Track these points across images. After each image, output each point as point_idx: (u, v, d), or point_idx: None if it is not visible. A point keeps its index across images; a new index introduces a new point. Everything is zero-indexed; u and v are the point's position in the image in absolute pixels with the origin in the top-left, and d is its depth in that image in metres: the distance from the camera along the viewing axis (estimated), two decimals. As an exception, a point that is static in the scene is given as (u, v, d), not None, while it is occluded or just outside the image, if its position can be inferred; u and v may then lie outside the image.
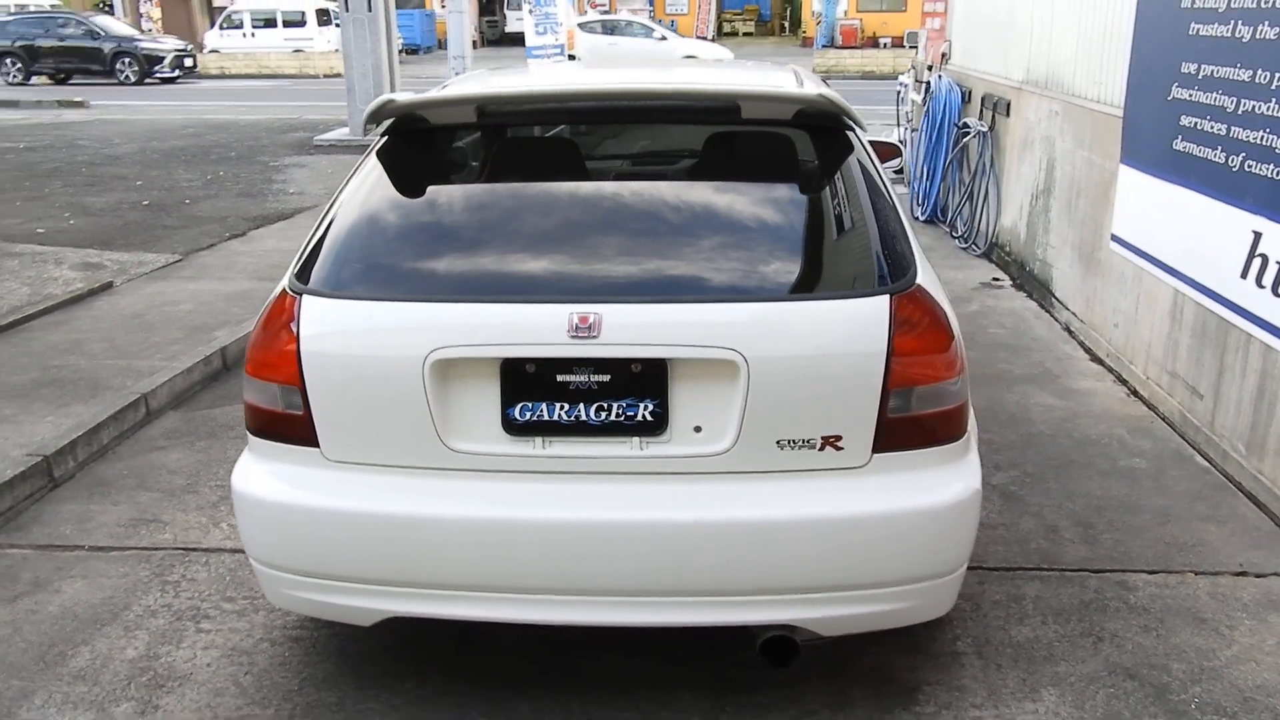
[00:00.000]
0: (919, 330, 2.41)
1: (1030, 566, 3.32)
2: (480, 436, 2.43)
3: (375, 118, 2.72)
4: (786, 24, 41.95)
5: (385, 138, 2.86)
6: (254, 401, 2.56)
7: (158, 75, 25.28)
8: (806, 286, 2.45)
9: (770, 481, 2.41)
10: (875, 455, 2.43)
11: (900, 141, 9.34)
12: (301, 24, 30.57)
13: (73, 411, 4.56)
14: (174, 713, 2.69)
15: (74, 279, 6.90)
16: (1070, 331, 5.64)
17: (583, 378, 2.39)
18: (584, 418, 2.40)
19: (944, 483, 2.46)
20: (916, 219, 8.55)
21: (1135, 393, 4.74)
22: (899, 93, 9.48)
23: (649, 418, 2.39)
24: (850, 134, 2.79)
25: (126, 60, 25.04)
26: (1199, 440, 4.13)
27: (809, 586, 2.42)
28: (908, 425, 2.43)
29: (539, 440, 2.42)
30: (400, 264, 2.57)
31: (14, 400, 4.72)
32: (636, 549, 2.38)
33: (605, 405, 2.40)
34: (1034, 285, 6.28)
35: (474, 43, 37.88)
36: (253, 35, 31.72)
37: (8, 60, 25.01)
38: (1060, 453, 4.16)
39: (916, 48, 9.47)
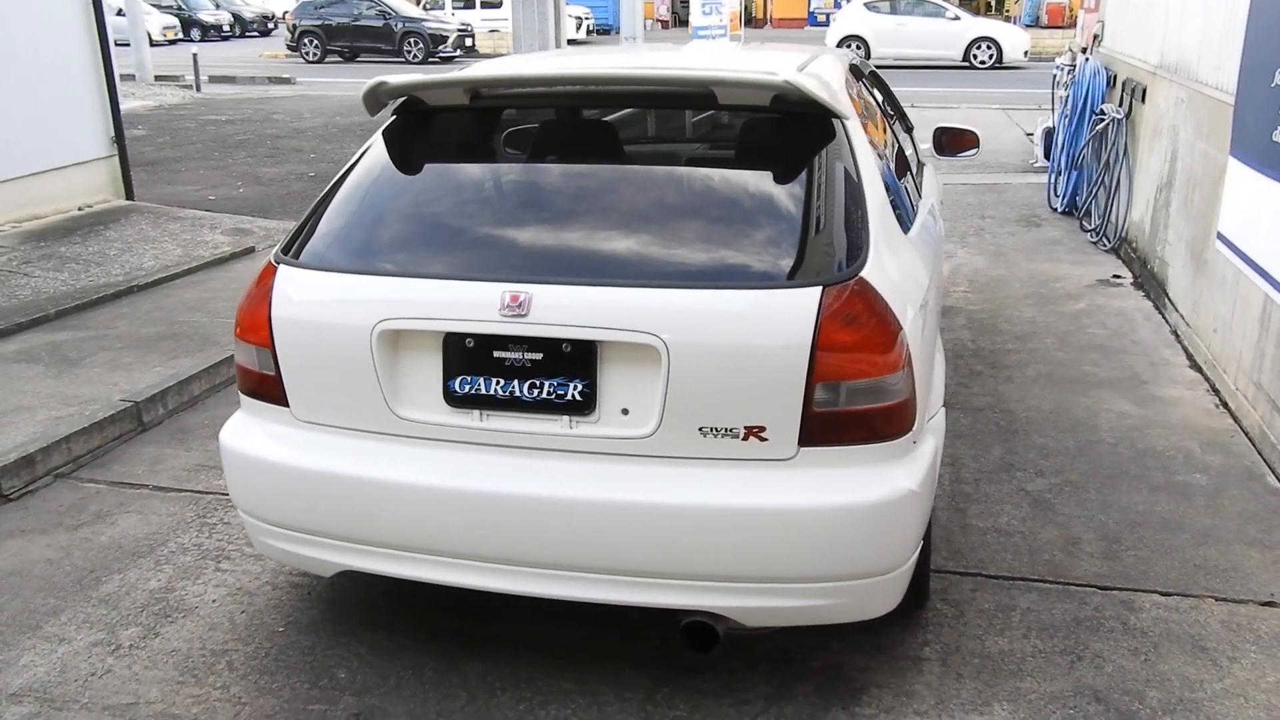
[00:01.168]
0: (855, 324, 2.36)
1: (1034, 577, 3.17)
2: (424, 406, 2.55)
3: (370, 99, 2.86)
4: (993, 3, 40.05)
5: (394, 118, 3.01)
6: (240, 362, 2.77)
7: (440, 55, 25.37)
8: (732, 275, 2.43)
9: (694, 468, 2.43)
10: (803, 449, 2.40)
11: (1051, 128, 8.87)
12: (498, 5, 31.64)
13: (179, 363, 5.00)
14: (170, 640, 2.95)
15: (222, 243, 7.50)
16: (1177, 335, 5.26)
17: (517, 355, 2.47)
18: (518, 394, 2.48)
19: (874, 481, 2.40)
20: (1054, 210, 8.12)
21: (1224, 404, 4.40)
22: (1054, 76, 8.97)
23: (578, 397, 2.45)
24: (832, 121, 2.73)
25: (414, 40, 25.36)
26: (1274, 458, 3.81)
27: (729, 575, 2.42)
28: (837, 420, 2.39)
29: (477, 413, 2.52)
30: (362, 239, 2.72)
31: (135, 350, 5.21)
32: (560, 525, 2.44)
33: (537, 383, 2.47)
34: (1152, 284, 5.88)
35: (664, 23, 38.23)
36: (453, 16, 33.10)
37: (307, 39, 26.43)
38: (1115, 463, 3.92)
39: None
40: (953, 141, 4.66)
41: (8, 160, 7.66)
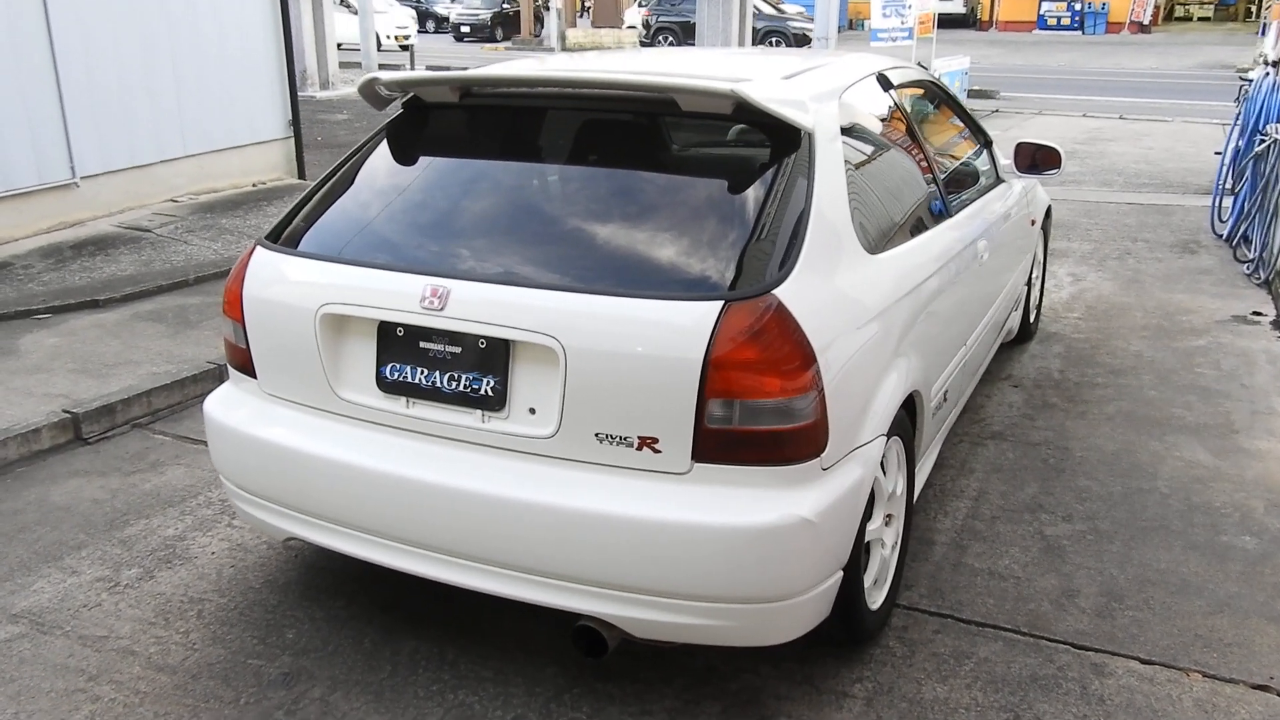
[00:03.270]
0: (757, 343, 2.30)
1: (1006, 627, 2.97)
2: (360, 389, 2.68)
3: (366, 93, 3.01)
4: (1254, 8, 36.77)
5: (399, 113, 3.15)
6: (225, 334, 2.98)
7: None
8: (638, 283, 2.40)
9: (592, 473, 2.43)
10: (697, 464, 2.36)
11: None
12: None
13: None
14: (160, 584, 3.22)
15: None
16: (1298, 383, 4.75)
17: (439, 347, 2.55)
18: (438, 385, 2.56)
19: (767, 505, 2.33)
20: (1217, 236, 7.45)
21: (1317, 464, 3.95)
22: (1240, 88, 8.22)
23: (490, 393, 2.50)
24: (793, 133, 2.65)
25: (775, 40, 24.92)
26: (1342, 530, 3.40)
27: (617, 584, 2.41)
28: (732, 438, 2.34)
29: (404, 399, 2.62)
30: (325, 227, 2.86)
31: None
32: (464, 515, 2.50)
33: (455, 376, 2.54)
34: (1290, 325, 5.32)
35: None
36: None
37: (661, 36, 26.89)
38: (1158, 515, 3.60)
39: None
40: (1034, 158, 4.38)
41: (193, 137, 8.43)
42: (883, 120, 3.32)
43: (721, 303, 2.32)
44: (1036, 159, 4.46)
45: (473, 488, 2.49)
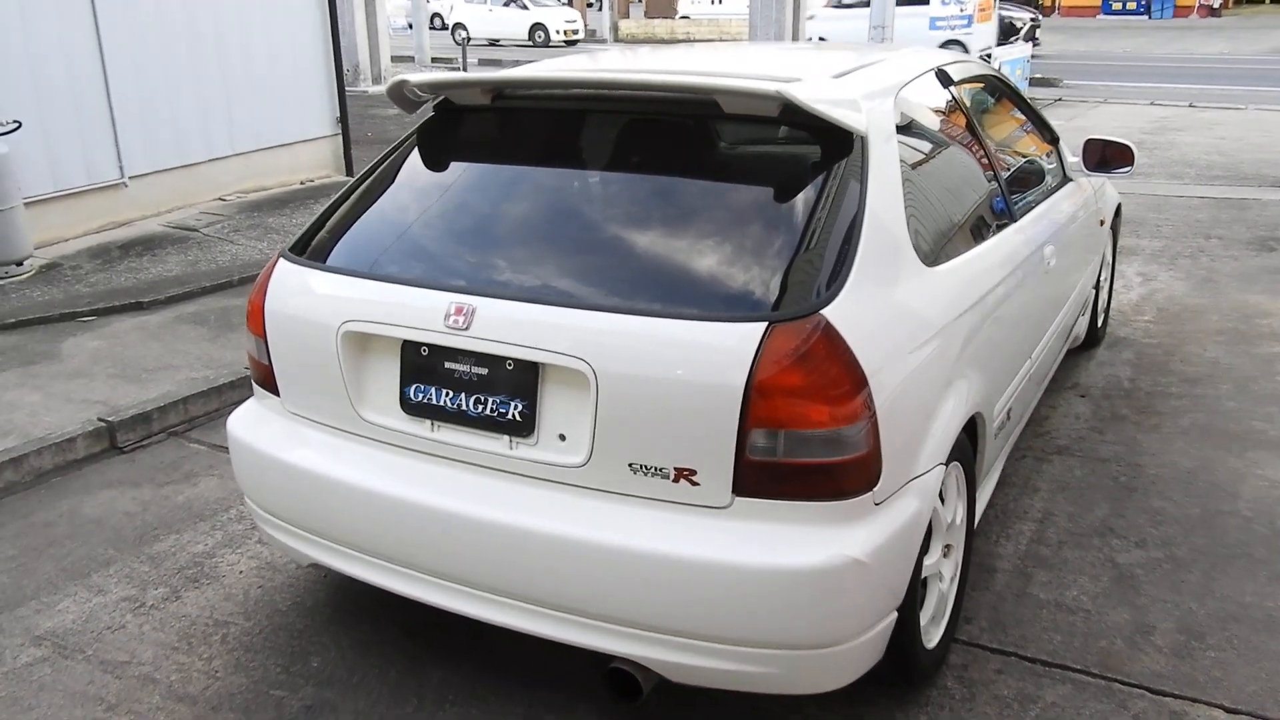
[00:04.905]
0: (804, 368, 2.11)
1: (1076, 667, 2.76)
2: (384, 410, 2.54)
3: (395, 95, 2.87)
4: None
5: (430, 116, 3.01)
6: (249, 349, 2.87)
7: (1007, 46, 22.64)
8: (676, 302, 2.23)
9: (625, 505, 2.27)
10: (738, 498, 2.18)
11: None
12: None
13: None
14: (186, 604, 3.12)
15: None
16: (1389, 395, 4.43)
17: (465, 368, 2.40)
18: (464, 408, 2.41)
19: (814, 544, 2.15)
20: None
21: None
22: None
23: (518, 418, 2.35)
24: (844, 137, 2.46)
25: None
26: None
27: (651, 625, 2.25)
28: (776, 471, 2.16)
29: (429, 422, 2.48)
30: (350, 239, 2.73)
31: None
32: (490, 548, 2.35)
33: (482, 399, 2.39)
34: (1379, 330, 4.98)
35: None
36: (720, 2, 33.17)
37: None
38: (1240, 541, 3.35)
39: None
40: (1104, 156, 4.11)
41: (241, 136, 8.42)
42: (942, 119, 3.11)
43: (765, 324, 2.13)
44: (1106, 156, 4.19)
45: (499, 519, 2.33)
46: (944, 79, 3.22)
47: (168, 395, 4.50)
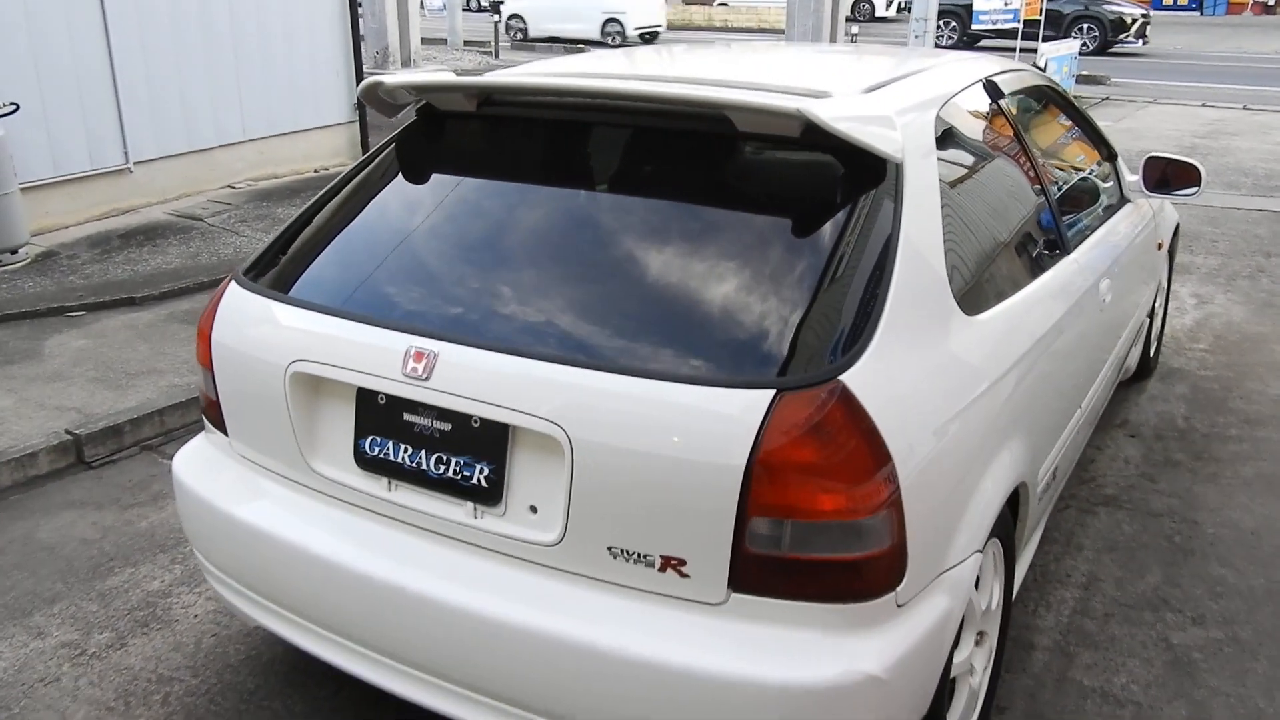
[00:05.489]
0: (819, 444, 1.77)
1: (1124, 775, 2.40)
2: (337, 463, 2.22)
3: (369, 98, 2.54)
4: None
5: (409, 123, 2.68)
6: (200, 381, 2.56)
7: (1119, 45, 20.89)
8: (659, 359, 1.88)
9: (602, 594, 1.93)
10: (734, 594, 1.84)
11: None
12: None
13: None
14: (131, 654, 2.83)
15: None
16: None
17: (426, 421, 2.08)
18: (424, 467, 2.09)
19: (824, 655, 1.81)
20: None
21: None
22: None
23: (484, 483, 2.02)
24: (877, 164, 2.10)
25: (1087, 25, 20.84)
26: None
27: (629, 735, 1.91)
28: (781, 566, 1.81)
29: (386, 480, 2.15)
30: (304, 262, 2.40)
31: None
32: (448, 633, 2.02)
33: (444, 458, 2.06)
34: None
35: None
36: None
37: (942, 22, 24.30)
38: (1313, 622, 2.97)
39: None
40: (1165, 175, 3.70)
41: (254, 121, 8.13)
42: (989, 140, 2.73)
43: (772, 392, 1.79)
44: (1168, 175, 3.78)
45: (459, 602, 2.00)
46: (993, 91, 2.83)
47: (145, 405, 4.22)
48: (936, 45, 18.45)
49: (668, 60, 2.99)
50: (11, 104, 6.14)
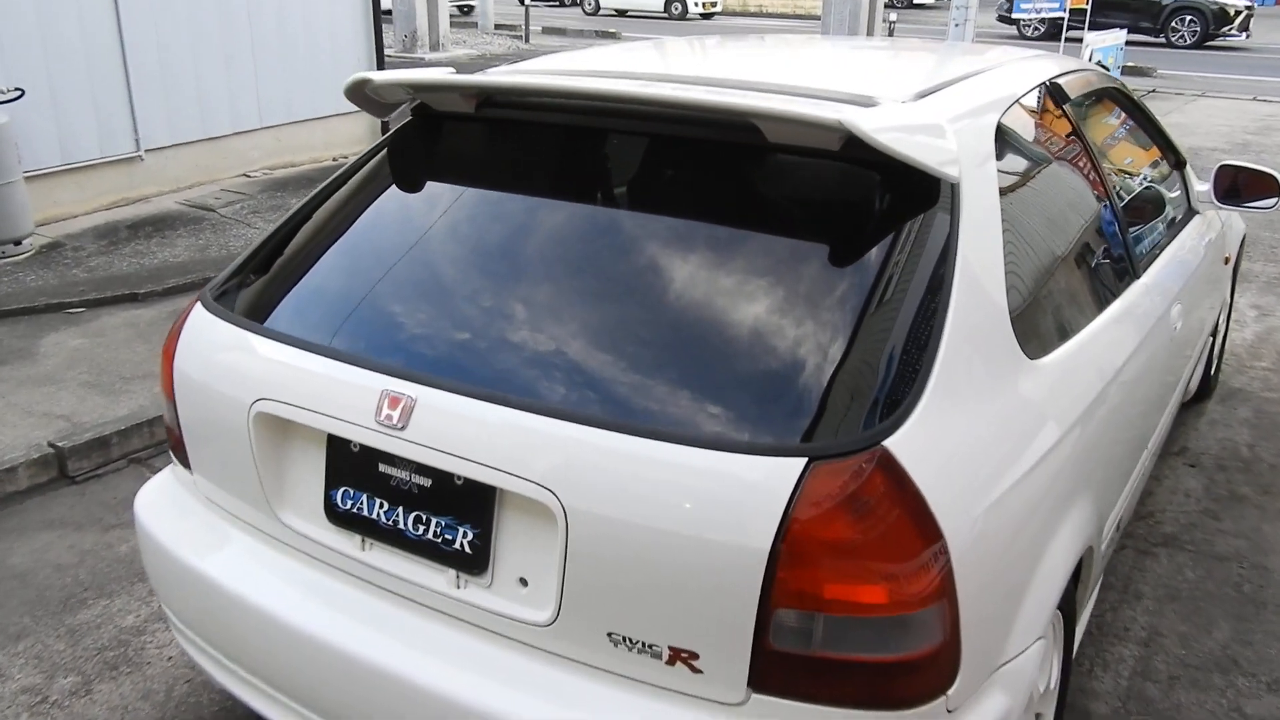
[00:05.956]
0: (857, 524, 1.49)
1: None
2: (306, 515, 1.96)
3: (355, 96, 2.27)
4: None
5: (403, 124, 2.41)
6: (165, 409, 2.31)
7: (1221, 39, 19.90)
8: (671, 417, 1.60)
9: (600, 686, 1.66)
10: (755, 695, 1.57)
11: None
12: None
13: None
14: (97, 701, 2.60)
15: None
16: None
17: (404, 475, 1.81)
18: (401, 525, 1.82)
19: (860, 773, 1.53)
20: None
21: None
22: None
23: (468, 549, 1.75)
24: (928, 184, 1.80)
25: (1187, 17, 19.85)
26: None
27: None
28: (810, 666, 1.53)
29: (359, 538, 1.89)
30: (277, 285, 2.13)
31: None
32: (424, 715, 1.77)
33: (423, 517, 1.80)
34: None
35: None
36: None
37: None
38: (1405, 693, 2.65)
39: None
40: (1237, 185, 3.36)
41: (271, 108, 7.90)
42: (1055, 154, 2.41)
43: (803, 460, 1.50)
44: (1238, 184, 3.44)
45: (437, 685, 1.74)
46: (1057, 96, 2.52)
47: (136, 414, 3.99)
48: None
49: (692, 56, 2.69)
50: (16, 89, 5.94)
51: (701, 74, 2.30)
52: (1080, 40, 11.24)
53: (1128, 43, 11.70)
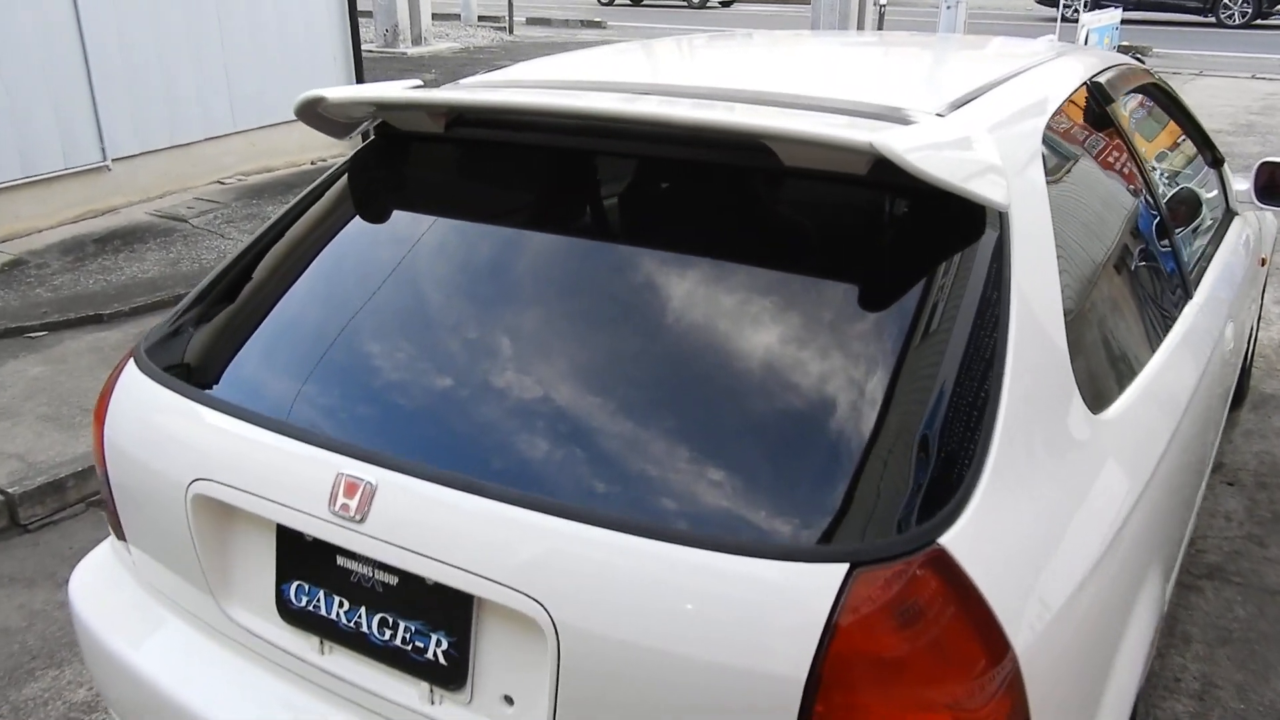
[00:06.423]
0: (913, 638, 1.22)
1: None
2: (257, 609, 1.69)
3: (307, 116, 1.99)
4: None
5: (362, 147, 2.13)
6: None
7: (1276, 18, 18.92)
8: (677, 512, 1.32)
9: (605, 827, 1.40)
10: (791, 845, 1.30)
11: None
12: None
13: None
14: (39, 798, 2.33)
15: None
16: None
17: (365, 570, 1.54)
18: (365, 628, 1.56)
19: None
20: None
21: None
22: None
23: (442, 659, 1.48)
24: (972, 214, 1.53)
25: None
26: None
27: None
28: (856, 812, 1.27)
29: (317, 640, 1.62)
30: (219, 341, 1.85)
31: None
32: None
33: (390, 619, 1.53)
34: None
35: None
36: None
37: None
38: None
39: None
40: (1274, 179, 3.09)
41: (244, 110, 7.59)
42: (1105, 164, 2.14)
43: (844, 566, 1.24)
44: (1278, 181, 3.17)
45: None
46: (1101, 97, 2.24)
47: (87, 456, 3.70)
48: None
49: (689, 62, 2.42)
50: (-31, 100, 5.63)
51: (701, 83, 2.02)
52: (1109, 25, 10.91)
53: (1174, 23, 11.29)
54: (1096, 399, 1.64)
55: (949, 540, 1.26)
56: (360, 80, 8.46)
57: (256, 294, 1.89)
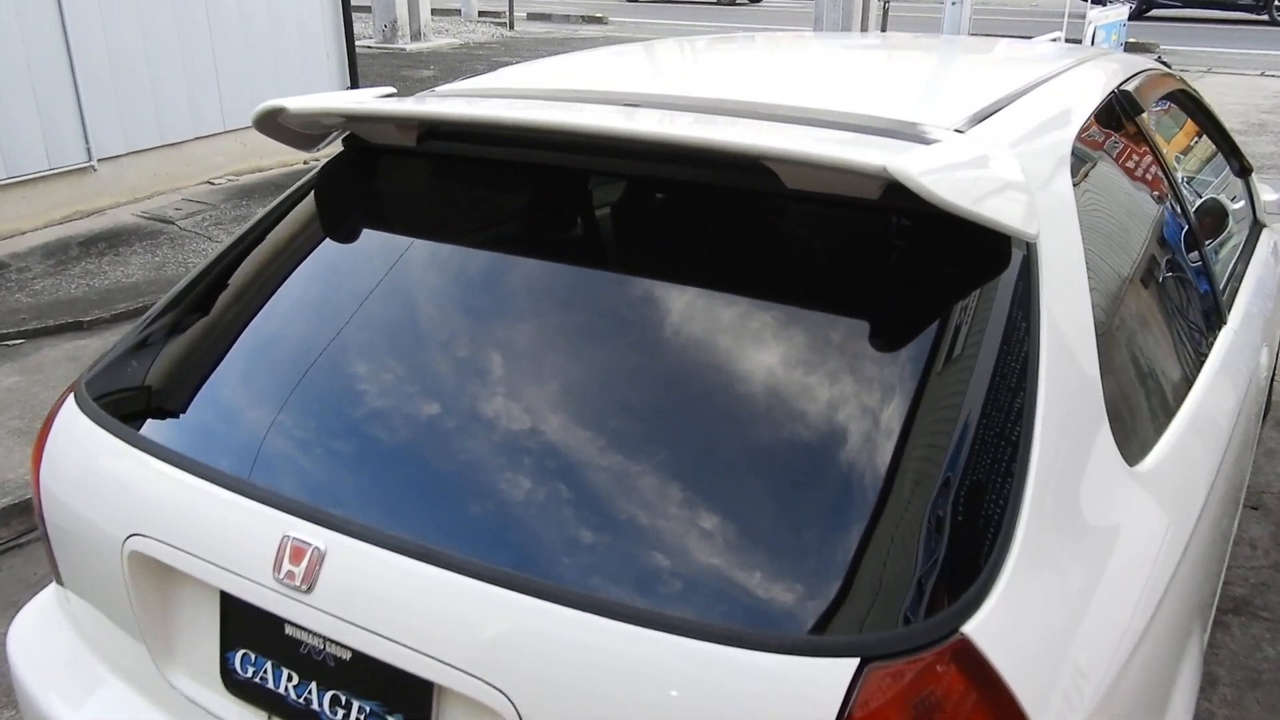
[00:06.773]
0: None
1: None
2: (200, 678, 1.53)
3: (267, 126, 1.82)
4: None
5: (327, 162, 1.97)
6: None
7: None
8: (663, 594, 1.16)
9: None
10: None
11: None
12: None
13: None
14: None
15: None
16: None
17: (316, 643, 1.38)
18: (315, 705, 1.39)
19: None
20: None
21: None
22: None
23: (401, 745, 1.32)
24: (998, 245, 1.36)
25: None
26: None
27: None
28: None
29: (264, 714, 1.46)
30: (163, 379, 1.68)
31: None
32: None
33: (343, 698, 1.36)
34: None
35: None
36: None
37: None
38: None
39: None
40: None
41: (235, 109, 7.41)
42: (1137, 181, 1.97)
43: (854, 661, 1.07)
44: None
45: None
46: (1130, 107, 2.07)
47: (64, 470, 3.55)
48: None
49: (687, 68, 2.24)
50: (-51, 99, 5.47)
51: (695, 94, 1.85)
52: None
53: (1227, 22, 10.99)
54: (1133, 450, 1.47)
55: (973, 629, 1.09)
56: (354, 78, 8.30)
57: (208, 327, 1.72)
